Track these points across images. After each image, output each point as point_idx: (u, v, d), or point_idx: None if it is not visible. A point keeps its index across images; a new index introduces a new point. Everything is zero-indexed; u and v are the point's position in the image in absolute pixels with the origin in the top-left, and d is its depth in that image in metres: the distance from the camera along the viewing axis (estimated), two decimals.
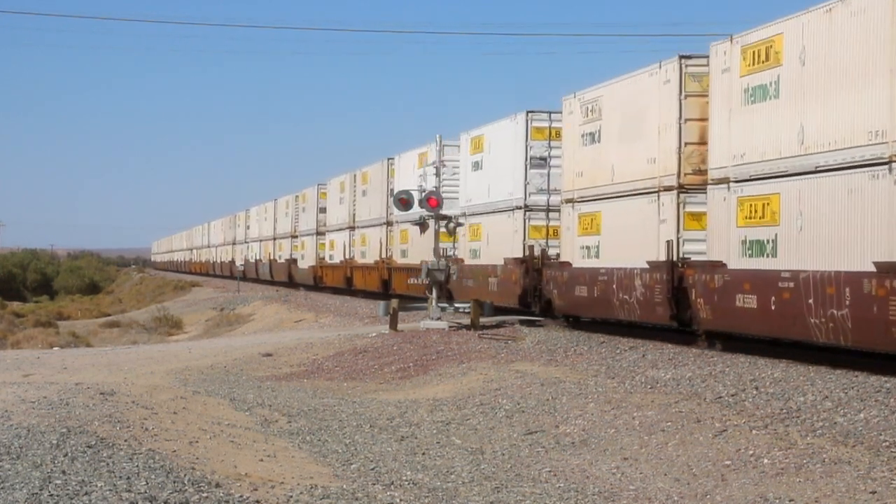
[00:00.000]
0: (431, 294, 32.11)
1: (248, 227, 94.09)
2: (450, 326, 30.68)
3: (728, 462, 14.00)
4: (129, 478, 11.62)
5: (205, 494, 11.42)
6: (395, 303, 32.03)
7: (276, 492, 12.24)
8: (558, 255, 30.93)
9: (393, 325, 31.13)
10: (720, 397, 17.72)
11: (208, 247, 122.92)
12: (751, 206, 20.90)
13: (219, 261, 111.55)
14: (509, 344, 27.08)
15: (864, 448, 13.69)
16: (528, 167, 32.78)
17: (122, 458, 12.68)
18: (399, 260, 46.15)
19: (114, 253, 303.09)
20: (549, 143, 32.74)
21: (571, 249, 29.41)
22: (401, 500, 12.39)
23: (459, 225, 34.03)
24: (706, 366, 20.86)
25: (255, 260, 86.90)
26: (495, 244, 34.72)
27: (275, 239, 79.24)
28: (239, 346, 30.94)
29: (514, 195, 33.25)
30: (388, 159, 48.62)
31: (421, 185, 34.16)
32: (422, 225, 34.13)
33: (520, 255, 32.71)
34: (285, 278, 73.52)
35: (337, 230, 58.67)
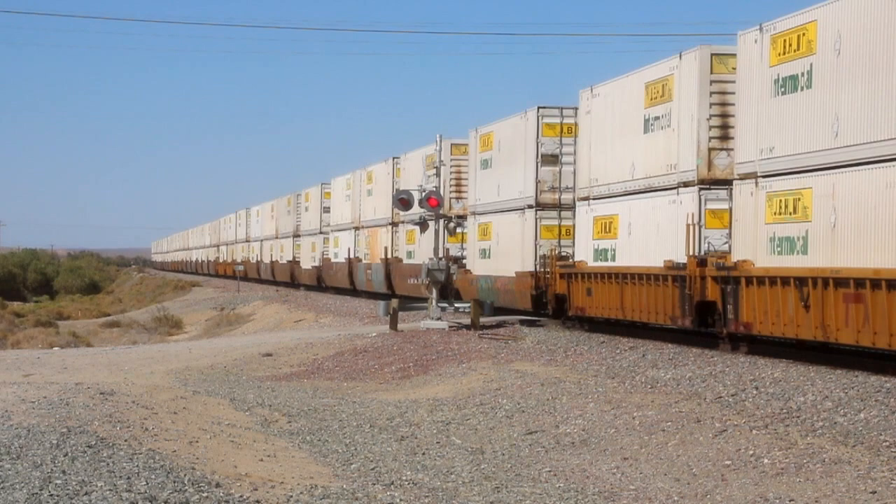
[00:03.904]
0: (431, 294, 32.09)
1: (325, 210, 63.53)
2: (450, 326, 30.69)
3: (728, 462, 14.00)
4: (129, 478, 11.62)
5: (205, 494, 11.42)
6: (395, 303, 32.03)
7: (276, 492, 12.24)
8: None
9: (393, 325, 31.13)
10: (720, 397, 17.73)
11: (247, 241, 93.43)
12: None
13: (267, 260, 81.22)
14: (509, 344, 27.08)
15: (864, 448, 13.69)
16: None
17: (122, 458, 12.68)
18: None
19: (114, 253, 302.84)
20: None
21: None
22: (401, 500, 12.38)
23: (459, 225, 33.93)
24: (706, 366, 20.86)
25: (349, 258, 55.60)
26: None
27: (393, 224, 48.43)
28: (239, 346, 30.94)
29: None
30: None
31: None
32: (422, 225, 34.09)
33: None
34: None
35: (626, 195, 27.20)
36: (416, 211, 34.16)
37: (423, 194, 32.83)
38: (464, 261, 38.32)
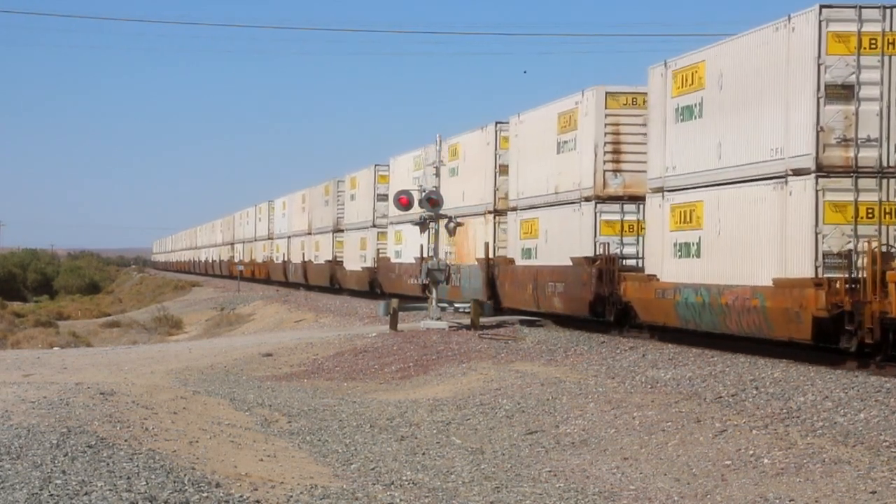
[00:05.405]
0: (431, 294, 32.10)
1: (380, 197, 51.39)
2: (450, 326, 30.69)
3: (728, 462, 14.00)
4: (129, 478, 11.62)
5: (205, 494, 11.42)
6: (395, 302, 32.03)
7: (276, 492, 12.24)
8: None
9: (393, 325, 31.14)
10: (720, 397, 17.73)
11: (269, 238, 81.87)
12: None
13: (298, 260, 69.21)
14: (509, 344, 27.08)
15: (864, 448, 13.70)
16: None
17: (122, 458, 12.68)
18: None
19: (114, 253, 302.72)
20: None
21: None
22: (401, 500, 12.39)
23: (459, 224, 33.86)
24: (706, 366, 20.86)
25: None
26: None
27: (497, 213, 36.67)
28: (239, 346, 30.93)
29: None
30: None
31: None
32: (422, 225, 34.06)
33: None
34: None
35: None
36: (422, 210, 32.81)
37: (424, 194, 32.80)
38: (629, 261, 27.59)
